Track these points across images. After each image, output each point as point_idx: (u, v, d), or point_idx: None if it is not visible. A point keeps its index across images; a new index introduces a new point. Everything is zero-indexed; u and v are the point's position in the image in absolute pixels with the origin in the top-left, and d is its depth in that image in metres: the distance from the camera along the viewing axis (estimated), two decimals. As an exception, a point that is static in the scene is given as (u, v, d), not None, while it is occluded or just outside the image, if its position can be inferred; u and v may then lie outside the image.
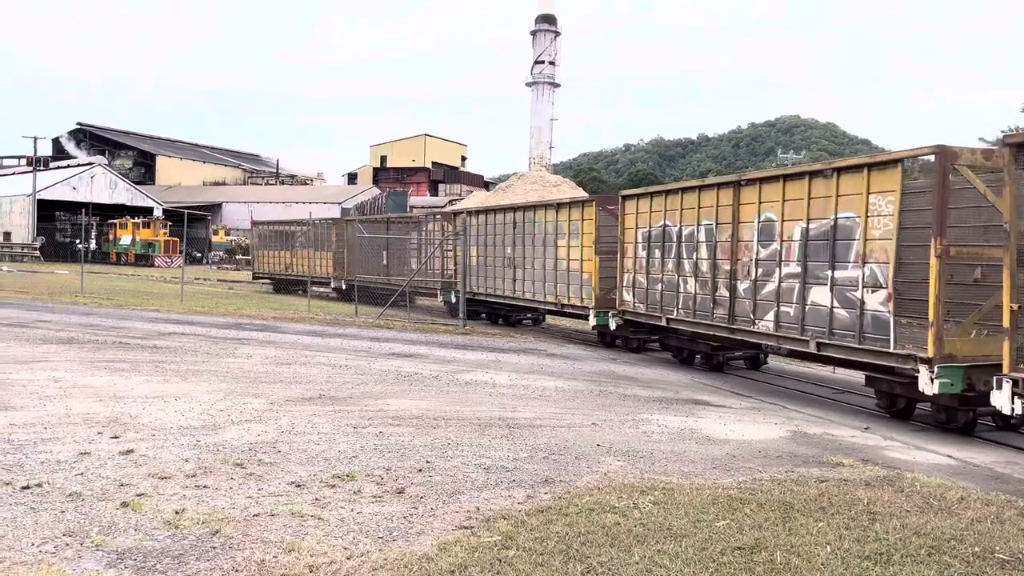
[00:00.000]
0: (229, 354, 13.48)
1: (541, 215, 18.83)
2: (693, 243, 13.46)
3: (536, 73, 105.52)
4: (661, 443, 8.10)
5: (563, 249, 17.68)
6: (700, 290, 13.27)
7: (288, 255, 33.89)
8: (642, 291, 15.16)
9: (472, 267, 21.90)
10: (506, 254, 20.23)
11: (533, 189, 67.79)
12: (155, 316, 19.80)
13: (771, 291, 11.47)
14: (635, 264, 15.46)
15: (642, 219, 15.18)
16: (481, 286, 21.78)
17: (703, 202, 13.28)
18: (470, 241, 21.90)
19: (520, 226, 19.59)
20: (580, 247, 16.99)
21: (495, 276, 20.94)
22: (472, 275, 21.88)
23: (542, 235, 18.55)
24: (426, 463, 6.86)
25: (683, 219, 13.80)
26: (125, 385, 10.10)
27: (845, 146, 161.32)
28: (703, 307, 13.16)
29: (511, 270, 19.99)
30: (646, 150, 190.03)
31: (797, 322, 10.90)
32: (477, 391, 10.86)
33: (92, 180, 65.24)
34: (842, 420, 10.17)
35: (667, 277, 14.29)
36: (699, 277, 13.30)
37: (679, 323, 14.09)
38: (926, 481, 6.84)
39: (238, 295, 30.60)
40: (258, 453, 6.96)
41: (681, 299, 13.83)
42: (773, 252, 11.45)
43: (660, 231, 14.48)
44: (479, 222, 21.93)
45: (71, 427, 7.69)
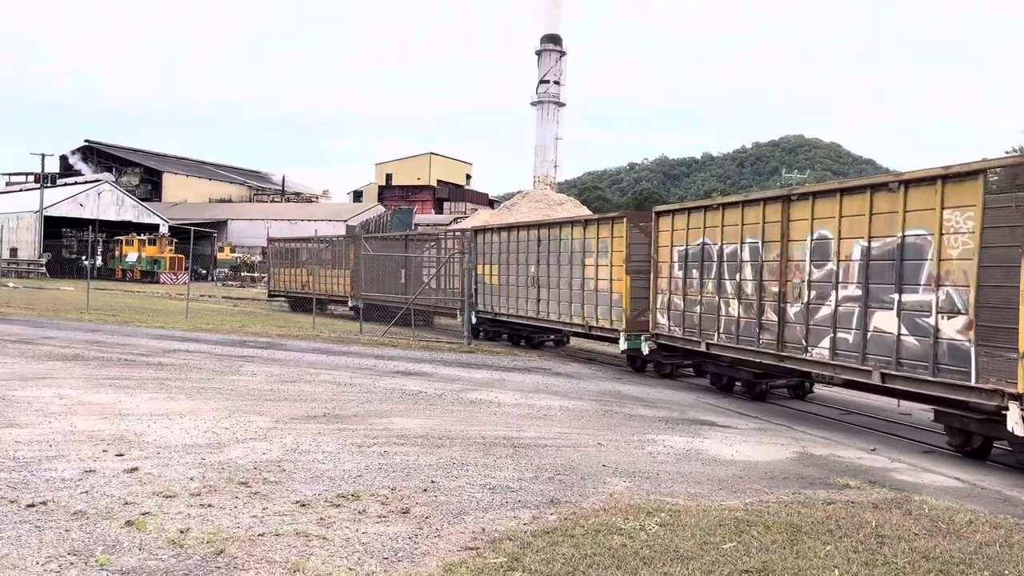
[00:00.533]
0: (234, 372, 13.49)
1: (567, 232, 17.82)
2: (736, 262, 12.43)
3: (541, 92, 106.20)
4: (667, 464, 8.06)
5: (591, 268, 16.69)
6: (744, 313, 12.24)
7: (305, 273, 32.98)
8: (678, 314, 14.03)
9: (493, 286, 21.00)
10: (529, 273, 19.18)
11: (537, 208, 67.93)
12: (160, 333, 19.83)
13: (826, 315, 10.54)
14: (670, 284, 14.32)
15: (678, 236, 14.09)
16: (503, 306, 20.66)
17: (747, 218, 12.27)
18: (491, 259, 21.07)
19: (545, 243, 18.52)
20: (609, 266, 16.01)
21: (518, 296, 19.82)
22: (493, 294, 21.02)
23: (568, 253, 17.54)
24: (431, 483, 6.84)
25: (724, 237, 12.78)
26: (130, 402, 10.10)
27: (849, 166, 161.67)
28: (747, 332, 12.16)
29: (534, 289, 18.92)
30: (650, 169, 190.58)
31: (857, 350, 9.93)
32: (482, 410, 10.84)
33: (99, 197, 65.55)
34: (849, 441, 10.12)
35: (707, 299, 13.22)
36: (743, 299, 12.27)
37: (720, 349, 13.00)
38: (934, 504, 6.79)
39: (243, 312, 30.64)
40: (263, 472, 6.95)
41: (723, 323, 12.78)
42: (828, 273, 10.53)
43: (698, 249, 13.45)
44: (500, 239, 20.84)
45: (76, 445, 7.69)
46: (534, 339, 21.35)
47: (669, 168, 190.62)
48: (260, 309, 34.10)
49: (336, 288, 30.07)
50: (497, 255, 20.93)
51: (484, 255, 21.59)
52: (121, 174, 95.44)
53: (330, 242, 32.26)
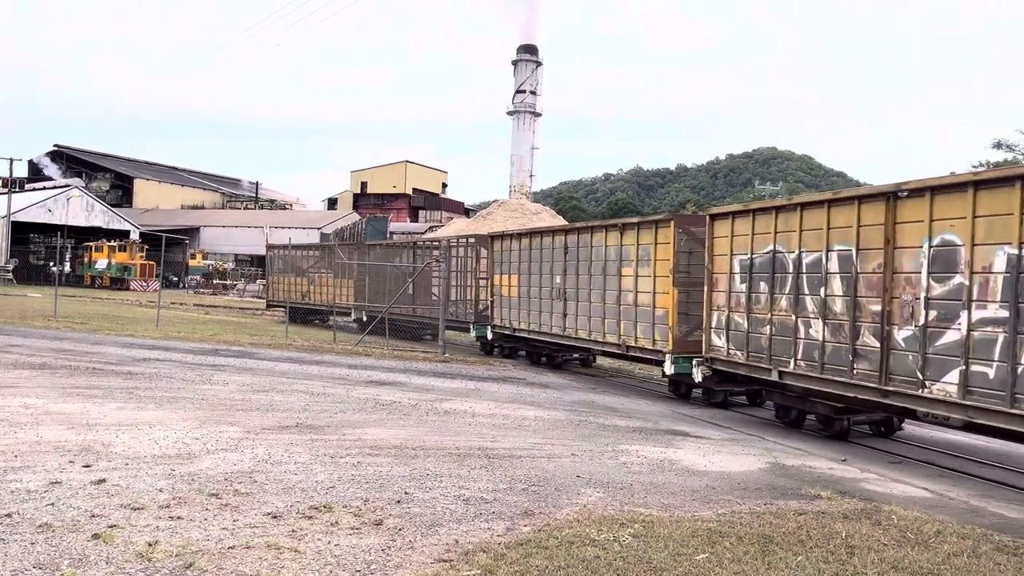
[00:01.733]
0: (205, 381, 13.33)
1: (600, 238, 15.66)
2: (820, 274, 10.36)
3: (517, 102, 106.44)
4: (641, 474, 8.09)
5: (629, 279, 14.64)
6: (831, 336, 10.15)
7: (305, 282, 31.01)
8: (740, 335, 11.97)
9: (512, 298, 19.16)
10: (554, 284, 17.21)
11: (513, 217, 68.04)
12: (130, 341, 19.55)
13: (953, 342, 8.49)
14: (730, 300, 12.20)
15: (740, 243, 12.03)
16: (522, 321, 18.69)
17: (835, 220, 10.26)
18: (510, 268, 19.29)
19: (573, 251, 16.50)
20: (652, 277, 13.97)
21: (540, 309, 17.82)
22: (511, 307, 19.25)
23: (601, 262, 15.48)
24: (404, 494, 6.80)
25: (803, 243, 10.73)
26: (98, 412, 9.94)
27: (821, 178, 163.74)
28: (836, 359, 10.04)
29: (560, 303, 16.94)
30: (625, 179, 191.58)
31: (1003, 388, 7.90)
32: (456, 420, 10.81)
33: (68, 203, 64.62)
34: (820, 451, 10.22)
35: (779, 318, 11.14)
36: (829, 319, 10.17)
37: (798, 379, 10.84)
38: (903, 514, 6.87)
39: (215, 321, 30.31)
40: (234, 483, 6.86)
41: (801, 347, 10.67)
42: (956, 288, 8.51)
43: (768, 258, 11.38)
44: (520, 246, 18.91)
45: (42, 455, 7.55)
46: (556, 357, 19.37)
47: (644, 179, 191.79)
48: (244, 319, 33.68)
49: (339, 299, 28.41)
50: (516, 264, 18.99)
51: (501, 264, 19.78)
52: (91, 179, 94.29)
53: (332, 250, 30.69)
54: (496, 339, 20.65)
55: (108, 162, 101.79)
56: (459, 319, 22.54)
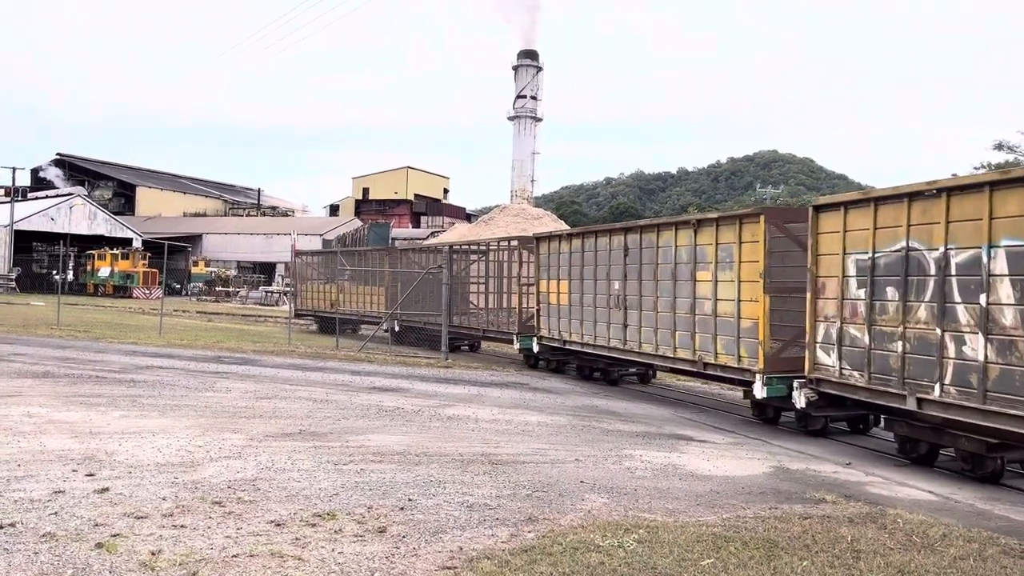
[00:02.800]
0: (208, 388, 13.33)
1: (669, 237, 13.65)
2: (980, 276, 8.30)
3: (518, 107, 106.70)
4: (644, 479, 8.07)
5: (706, 285, 12.63)
6: (997, 357, 8.12)
7: (334, 290, 29.30)
8: (858, 352, 9.82)
9: (561, 307, 17.29)
10: (611, 291, 15.24)
11: (515, 222, 68.10)
12: (133, 349, 19.56)
13: None
14: (842, 309, 10.07)
15: (856, 239, 9.94)
16: (574, 332, 16.82)
17: (999, 208, 8.17)
18: (559, 273, 17.37)
19: (635, 252, 14.55)
20: (736, 282, 12.00)
21: (595, 319, 15.93)
22: (560, 317, 17.41)
23: (670, 265, 13.51)
24: (408, 501, 6.79)
25: (951, 237, 8.70)
26: (101, 420, 9.94)
27: (822, 180, 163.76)
28: (1006, 385, 8.02)
29: (619, 312, 15.00)
30: (626, 184, 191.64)
31: None
32: (460, 426, 10.79)
33: (71, 211, 64.77)
34: (824, 455, 10.19)
35: (915, 331, 9.12)
36: (994, 334, 8.16)
37: (948, 408, 8.68)
38: (909, 518, 6.85)
39: (218, 328, 30.33)
40: (237, 491, 6.86)
41: (951, 369, 8.64)
42: None
43: (898, 257, 9.33)
44: (572, 248, 16.97)
45: (45, 464, 7.55)
46: (612, 373, 17.24)
47: (645, 183, 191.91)
48: (247, 326, 33.69)
49: (369, 307, 26.76)
50: (567, 268, 17.07)
51: (548, 268, 17.81)
52: (94, 188, 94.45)
53: (362, 255, 29.46)
54: (543, 352, 18.64)
55: (110, 170, 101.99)
56: (500, 329, 20.87)
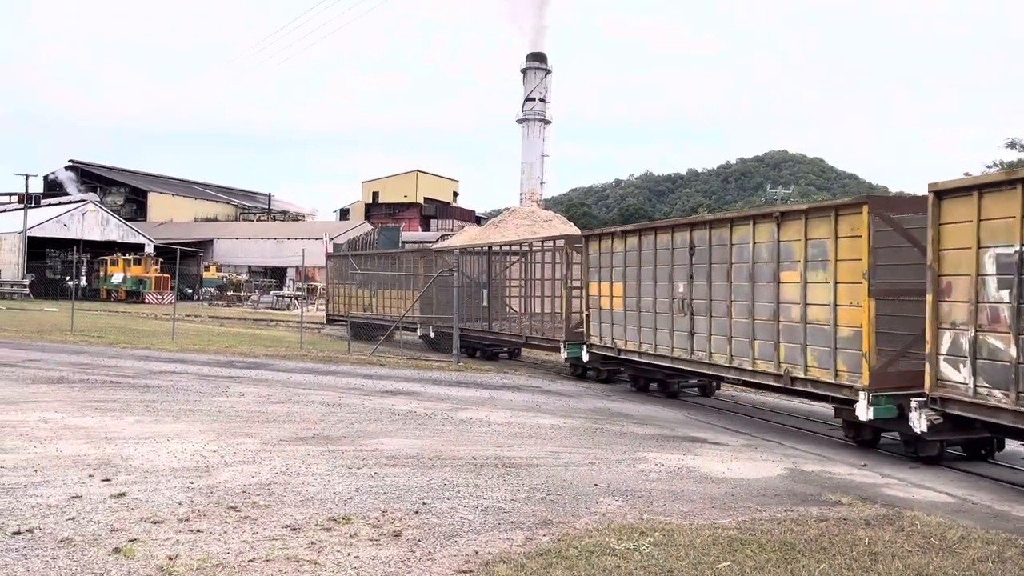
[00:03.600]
0: (221, 393, 13.38)
1: (745, 232, 11.99)
2: None
3: (527, 110, 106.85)
4: (659, 482, 8.04)
5: (793, 287, 10.92)
6: None
7: (367, 294, 28.00)
8: (1000, 366, 8.17)
9: (614, 312, 15.61)
10: (675, 294, 13.62)
11: (524, 224, 67.99)
12: (146, 354, 19.67)
13: None
14: (976, 314, 8.42)
15: (995, 230, 8.29)
16: (629, 339, 15.11)
17: None
18: (611, 274, 15.76)
19: (703, 250, 12.91)
20: (831, 283, 10.36)
21: (653, 326, 14.26)
22: (613, 323, 15.71)
23: (747, 264, 11.87)
24: (422, 504, 6.79)
25: None
26: (116, 426, 10.00)
27: (833, 181, 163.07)
28: None
29: (683, 317, 13.33)
30: (636, 185, 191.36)
31: None
32: (472, 429, 10.79)
33: (83, 217, 65.23)
34: (839, 457, 10.13)
35: None
36: None
37: None
38: (926, 520, 6.80)
39: (230, 333, 30.45)
40: (252, 495, 6.88)
41: None
42: None
43: None
44: (627, 246, 15.21)
45: (62, 470, 7.60)
46: (671, 385, 15.50)
47: (654, 184, 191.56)
48: (258, 331, 33.77)
49: (402, 311, 25.38)
50: (620, 269, 15.38)
51: (600, 270, 16.22)
52: (106, 194, 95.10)
53: (396, 257, 28.09)
54: (593, 361, 16.94)
55: (122, 176, 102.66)
56: (544, 336, 19.39)
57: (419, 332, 23.83)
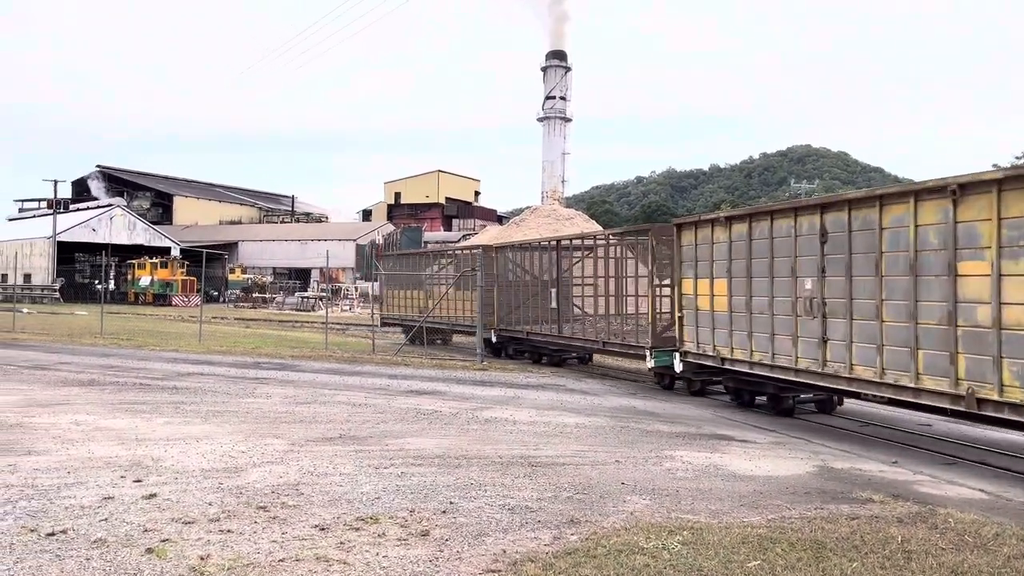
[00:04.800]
0: (248, 394, 13.50)
1: (903, 213, 9.52)
2: None
3: (547, 108, 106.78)
4: (686, 480, 8.00)
5: (978, 282, 8.51)
6: None
7: (422, 295, 26.17)
8: None
9: (716, 315, 13.07)
10: (800, 291, 11.13)
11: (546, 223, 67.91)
12: (174, 356, 19.89)
13: None
14: None
15: None
16: (736, 346, 12.59)
17: None
18: (709, 269, 13.25)
19: (839, 238, 10.51)
20: None
21: (770, 330, 11.76)
22: (713, 327, 13.15)
23: (905, 253, 9.43)
24: (450, 504, 6.80)
25: None
26: (147, 427, 10.12)
27: (858, 174, 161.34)
28: None
29: (814, 321, 10.90)
30: (658, 182, 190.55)
31: None
32: (498, 429, 10.80)
33: (111, 222, 66.15)
34: (868, 454, 10.01)
35: None
36: None
37: None
38: (960, 517, 6.70)
39: (256, 334, 30.72)
40: (281, 496, 6.93)
41: None
42: None
43: None
44: (732, 235, 12.64)
45: (94, 471, 7.70)
46: (783, 400, 12.98)
47: (677, 180, 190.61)
48: (284, 332, 34.01)
49: (462, 314, 23.75)
50: (725, 263, 12.82)
51: (696, 263, 13.63)
52: (133, 198, 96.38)
53: (453, 256, 26.29)
54: (688, 370, 14.38)
55: (148, 181, 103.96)
56: (624, 342, 16.91)
57: (478, 335, 22.11)
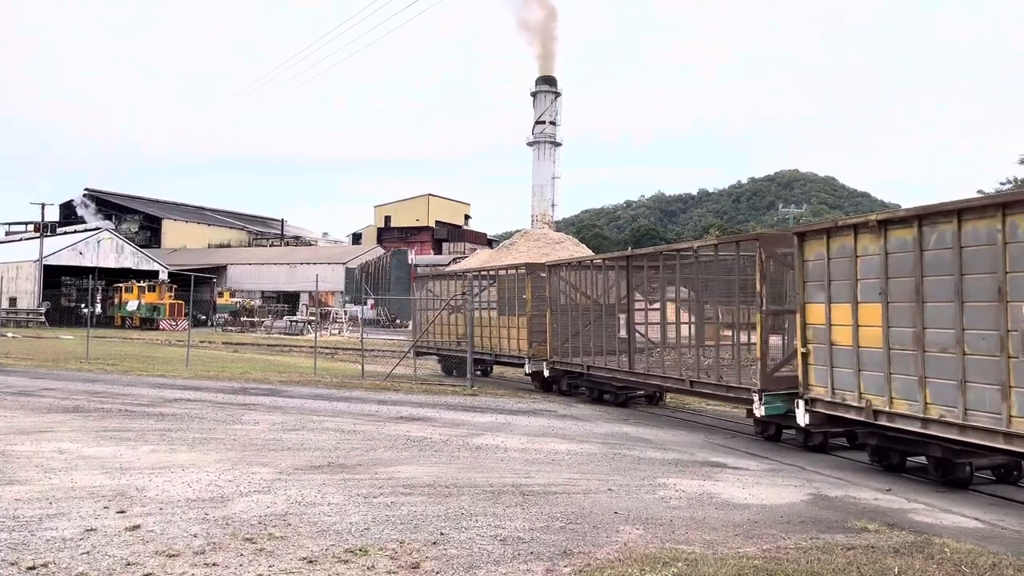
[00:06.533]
0: (236, 420, 13.33)
1: None
2: None
3: (537, 133, 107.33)
4: (680, 509, 7.90)
5: None
6: None
7: (461, 321, 22.98)
8: None
9: (857, 351, 9.93)
10: (1017, 321, 7.93)
11: (536, 247, 68.13)
12: (161, 382, 19.67)
13: None
14: None
15: None
16: (897, 394, 9.39)
17: None
18: (849, 292, 10.05)
19: None
20: None
21: (957, 376, 8.54)
22: (853, 366, 9.98)
23: None
24: (440, 535, 6.68)
25: None
26: (131, 455, 9.95)
27: (845, 199, 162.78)
28: None
29: None
30: (647, 206, 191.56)
31: None
32: (488, 456, 10.67)
33: (99, 245, 65.80)
34: (862, 481, 9.94)
35: None
36: None
37: None
38: (956, 547, 6.63)
39: (243, 359, 30.47)
40: (268, 527, 6.79)
41: None
42: None
43: None
44: (883, 245, 9.56)
45: (77, 502, 7.54)
46: (958, 467, 9.74)
47: (666, 204, 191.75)
48: (272, 356, 33.72)
49: (506, 344, 20.72)
50: (876, 282, 9.64)
51: (827, 284, 10.45)
52: (121, 221, 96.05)
53: (494, 277, 23.15)
54: (816, 423, 10.97)
55: (137, 204, 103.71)
56: (722, 382, 13.01)
57: (528, 368, 19.56)
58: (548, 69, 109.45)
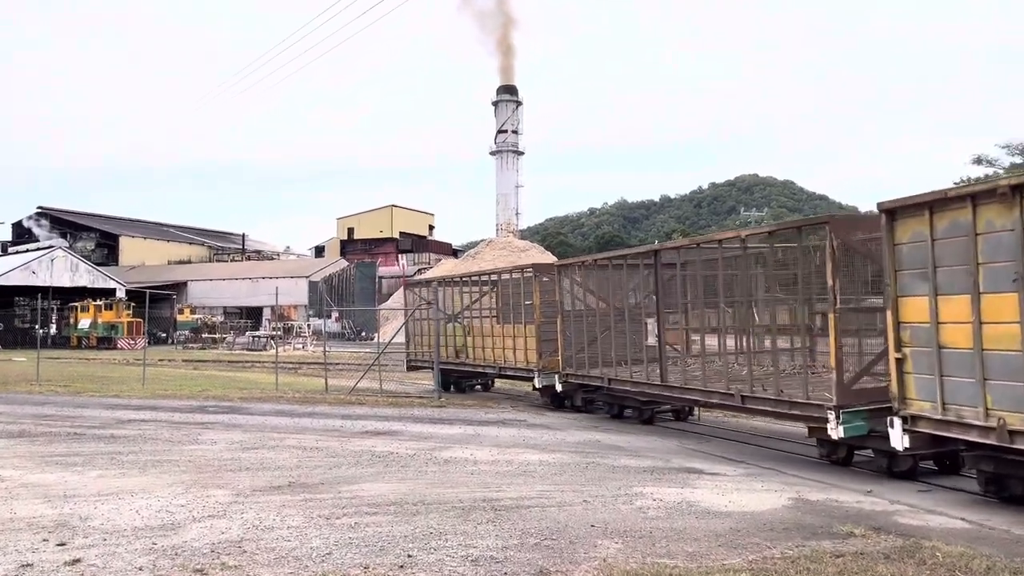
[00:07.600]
0: (192, 440, 12.74)
1: None
2: None
3: (500, 142, 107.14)
4: (659, 520, 7.56)
5: None
6: None
7: (459, 332, 21.35)
8: None
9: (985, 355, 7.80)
10: None
11: (502, 255, 67.94)
12: (115, 402, 18.91)
13: None
14: None
15: None
16: None
17: None
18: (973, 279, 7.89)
19: None
20: None
21: None
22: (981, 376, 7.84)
23: None
24: (407, 557, 6.25)
25: None
26: (77, 482, 9.36)
27: (804, 202, 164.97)
28: None
29: None
30: (610, 213, 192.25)
31: None
32: (457, 470, 10.25)
33: (52, 263, 63.98)
34: (843, 483, 9.69)
35: None
36: None
37: None
38: (947, 550, 6.37)
39: (204, 376, 29.63)
40: (221, 555, 6.31)
41: None
42: None
43: None
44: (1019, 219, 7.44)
45: (14, 534, 6.98)
46: None
47: (629, 211, 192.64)
48: (233, 373, 32.90)
49: (511, 355, 18.74)
50: (1008, 265, 7.58)
51: (931, 272, 8.42)
52: (76, 239, 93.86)
53: (496, 283, 20.96)
54: (918, 445, 8.87)
55: (93, 221, 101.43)
56: (782, 397, 10.79)
57: (537, 383, 17.71)
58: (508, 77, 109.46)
